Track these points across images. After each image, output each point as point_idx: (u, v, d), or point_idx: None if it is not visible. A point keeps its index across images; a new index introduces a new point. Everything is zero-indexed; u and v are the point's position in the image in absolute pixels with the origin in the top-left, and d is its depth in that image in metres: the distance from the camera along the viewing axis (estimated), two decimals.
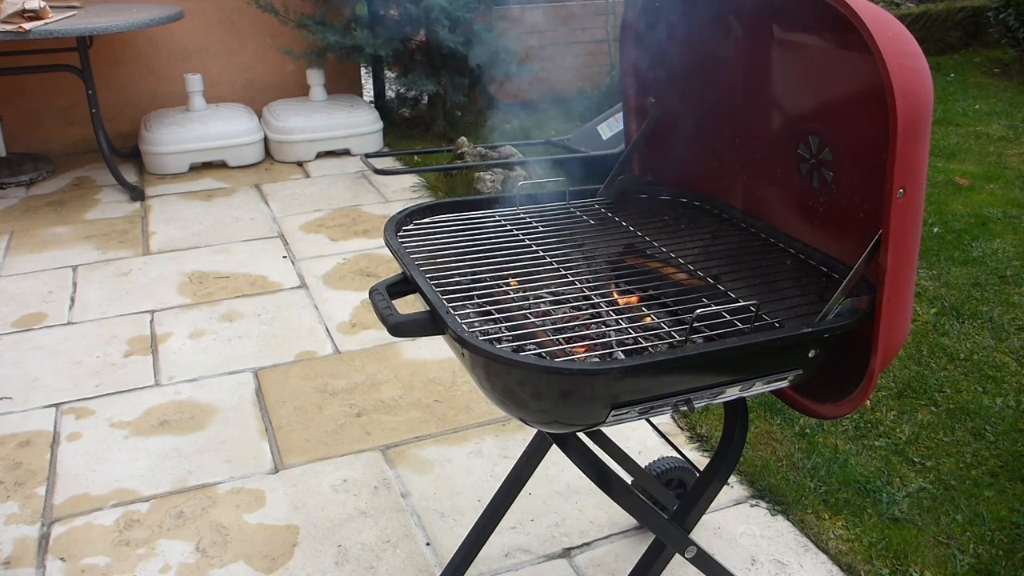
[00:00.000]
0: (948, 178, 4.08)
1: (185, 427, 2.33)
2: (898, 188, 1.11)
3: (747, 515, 2.00)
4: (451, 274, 1.36)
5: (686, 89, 1.60)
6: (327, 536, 1.94)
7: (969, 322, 2.79)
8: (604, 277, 1.44)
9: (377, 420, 2.35)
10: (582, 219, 1.61)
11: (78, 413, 2.39)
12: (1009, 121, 4.98)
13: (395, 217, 1.49)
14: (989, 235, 3.44)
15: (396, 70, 4.94)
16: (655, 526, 1.39)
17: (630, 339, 1.24)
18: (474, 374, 1.18)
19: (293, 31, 4.59)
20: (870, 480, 2.08)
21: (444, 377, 2.54)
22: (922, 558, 1.86)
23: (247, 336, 2.78)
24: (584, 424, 1.19)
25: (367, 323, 2.85)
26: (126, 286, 3.14)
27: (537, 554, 1.89)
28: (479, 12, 4.47)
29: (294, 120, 4.44)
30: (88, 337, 2.78)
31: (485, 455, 2.21)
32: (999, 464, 2.15)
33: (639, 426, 2.29)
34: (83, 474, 2.15)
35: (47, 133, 4.50)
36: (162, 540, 1.93)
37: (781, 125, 1.46)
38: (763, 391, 1.26)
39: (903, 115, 1.08)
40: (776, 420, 2.30)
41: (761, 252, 1.47)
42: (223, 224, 3.69)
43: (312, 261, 3.33)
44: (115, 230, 3.64)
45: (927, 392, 2.43)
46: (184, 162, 4.29)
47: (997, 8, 5.98)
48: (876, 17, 1.09)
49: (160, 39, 4.56)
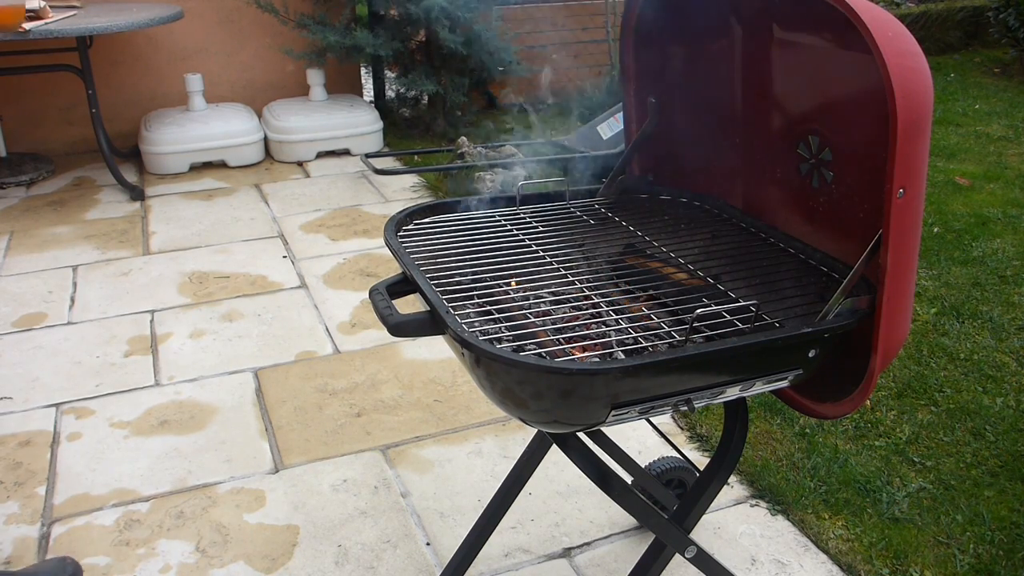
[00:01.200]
0: (948, 178, 4.08)
1: (185, 427, 2.33)
2: (898, 188, 1.11)
3: (747, 515, 2.00)
4: (451, 274, 1.36)
5: (686, 89, 1.60)
6: (327, 536, 1.95)
7: (969, 322, 2.79)
8: (604, 277, 1.44)
9: (377, 420, 2.35)
10: (582, 219, 1.61)
11: (78, 413, 2.39)
12: (1009, 121, 4.98)
13: (395, 217, 1.49)
14: (989, 235, 3.44)
15: (396, 70, 4.94)
16: (655, 526, 1.38)
17: (630, 339, 1.24)
18: (474, 374, 1.18)
19: (293, 31, 4.59)
20: (870, 480, 2.08)
21: (444, 377, 2.54)
22: (922, 558, 1.86)
23: (247, 336, 2.78)
24: (584, 424, 1.19)
25: (367, 323, 2.85)
26: (126, 286, 3.14)
27: (537, 554, 1.89)
28: (479, 12, 4.47)
29: (294, 120, 4.44)
30: (88, 337, 2.78)
31: (485, 455, 2.21)
32: (999, 464, 2.15)
33: (639, 426, 2.29)
34: (83, 474, 2.15)
35: (47, 133, 4.50)
36: (162, 540, 1.93)
37: (781, 125, 1.46)
38: (763, 391, 1.26)
39: (903, 115, 1.08)
40: (776, 420, 2.30)
41: (761, 252, 1.47)
42: (223, 224, 3.69)
43: (312, 261, 3.33)
44: (115, 230, 3.64)
45: (927, 392, 2.43)
46: (184, 162, 4.29)
47: (997, 8, 5.98)
48: (876, 17, 1.09)
49: (160, 39, 4.56)
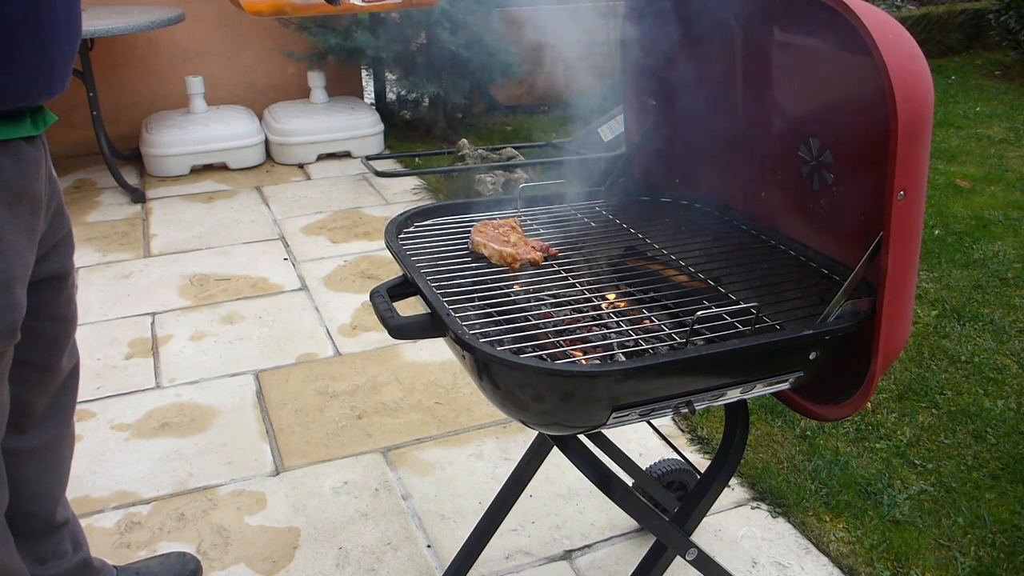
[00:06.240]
0: (949, 180, 4.08)
1: (186, 429, 2.33)
2: (899, 190, 1.11)
3: (748, 517, 2.00)
4: (452, 276, 1.36)
5: (687, 91, 1.60)
6: (328, 538, 1.94)
7: (970, 324, 2.79)
8: (605, 279, 1.44)
9: (378, 422, 2.35)
10: (583, 221, 1.61)
11: (79, 415, 2.37)
12: (1010, 123, 4.98)
13: (396, 219, 1.49)
14: (990, 237, 3.44)
15: (397, 72, 4.95)
16: (656, 528, 1.38)
17: (631, 341, 1.24)
18: (475, 376, 1.18)
19: (294, 33, 4.60)
20: (871, 482, 2.08)
21: (445, 379, 2.54)
22: (923, 560, 1.86)
23: (248, 338, 2.78)
24: (585, 426, 1.19)
25: (368, 325, 2.85)
26: (127, 288, 3.14)
27: (538, 556, 1.89)
28: (480, 14, 4.47)
29: (295, 122, 4.44)
30: (89, 339, 2.78)
31: (486, 457, 2.21)
32: (1000, 466, 2.15)
33: (640, 428, 2.28)
34: (84, 476, 2.15)
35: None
36: (163, 542, 1.93)
37: (782, 127, 1.46)
38: (764, 393, 1.26)
39: (904, 117, 1.08)
40: (777, 422, 2.30)
41: (762, 254, 1.47)
42: (224, 226, 3.69)
43: (313, 263, 3.33)
44: (116, 232, 3.64)
45: (928, 394, 2.43)
46: (185, 164, 4.29)
47: (998, 10, 5.99)
48: (877, 19, 1.09)
49: (161, 41, 4.56)
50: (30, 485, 1.51)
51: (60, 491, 1.59)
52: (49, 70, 1.23)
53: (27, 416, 1.47)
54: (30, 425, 1.49)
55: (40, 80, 1.23)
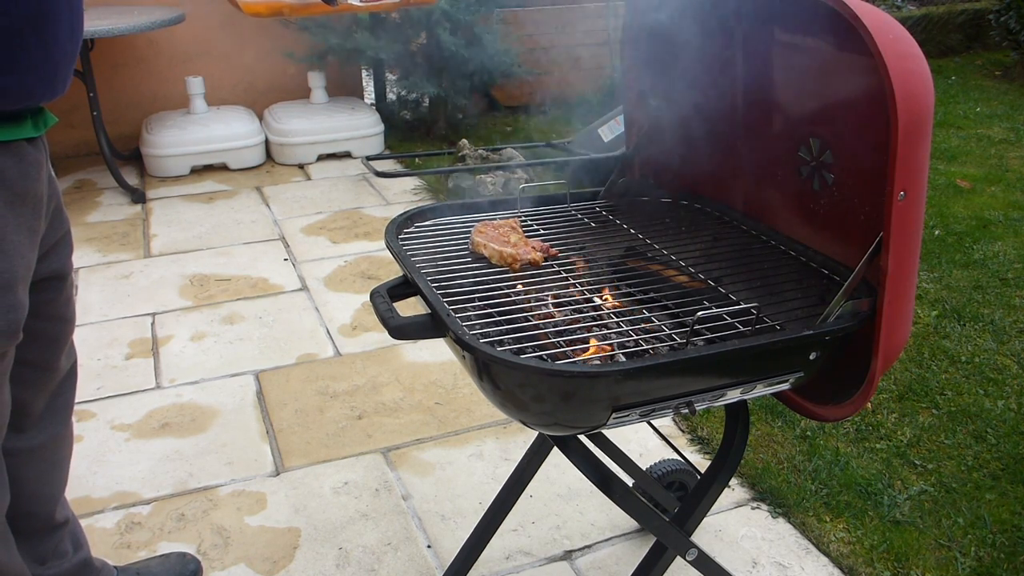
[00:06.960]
0: (949, 180, 4.08)
1: (186, 429, 2.33)
2: (899, 190, 1.11)
3: (748, 517, 2.00)
4: (452, 276, 1.36)
5: (687, 91, 1.60)
6: (328, 538, 1.94)
7: (970, 325, 2.79)
8: (605, 280, 1.44)
9: (378, 422, 2.35)
10: (583, 222, 1.61)
11: (79, 415, 2.39)
12: (1010, 123, 4.98)
13: (396, 219, 1.49)
14: (990, 238, 3.44)
15: (397, 72, 4.95)
16: (656, 528, 1.38)
17: (631, 341, 1.24)
18: (475, 376, 1.18)
19: (294, 34, 4.60)
20: (871, 483, 2.08)
21: (445, 379, 2.54)
22: (923, 561, 1.86)
23: (248, 338, 2.78)
24: (585, 426, 1.19)
25: (368, 325, 2.85)
26: (127, 288, 3.14)
27: (538, 556, 1.89)
28: (480, 15, 4.47)
29: (295, 122, 4.44)
30: (89, 339, 2.78)
31: (486, 457, 2.21)
32: (1000, 467, 2.15)
33: (640, 428, 2.28)
34: (84, 476, 2.15)
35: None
36: (163, 542, 1.93)
37: (782, 127, 1.46)
38: (764, 393, 1.26)
39: (904, 117, 1.08)
40: (777, 422, 2.30)
41: (762, 254, 1.47)
42: (224, 226, 3.69)
43: (313, 263, 3.33)
44: (116, 232, 3.64)
45: (928, 395, 2.42)
46: (185, 164, 4.29)
47: (998, 11, 5.99)
48: (877, 20, 1.09)
49: (161, 42, 4.56)
50: (30, 485, 1.51)
51: (60, 491, 1.59)
52: (53, 71, 1.23)
53: (25, 416, 1.47)
54: (28, 425, 1.49)
55: (44, 81, 1.23)
